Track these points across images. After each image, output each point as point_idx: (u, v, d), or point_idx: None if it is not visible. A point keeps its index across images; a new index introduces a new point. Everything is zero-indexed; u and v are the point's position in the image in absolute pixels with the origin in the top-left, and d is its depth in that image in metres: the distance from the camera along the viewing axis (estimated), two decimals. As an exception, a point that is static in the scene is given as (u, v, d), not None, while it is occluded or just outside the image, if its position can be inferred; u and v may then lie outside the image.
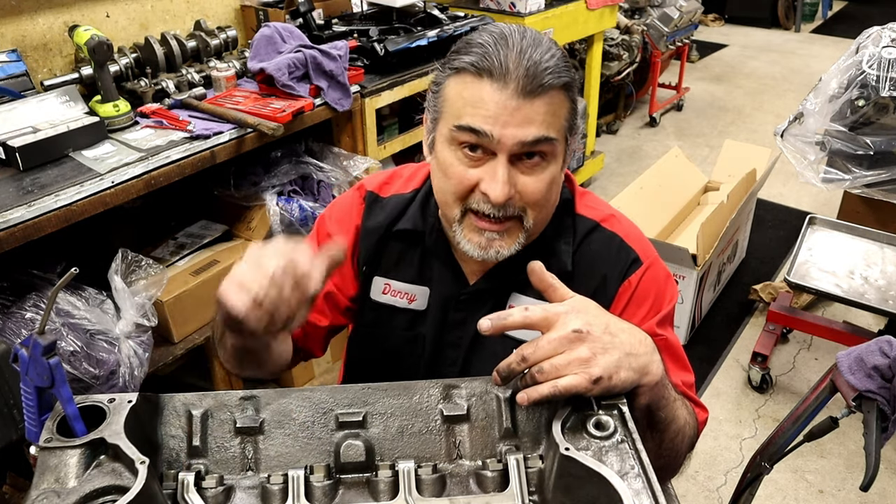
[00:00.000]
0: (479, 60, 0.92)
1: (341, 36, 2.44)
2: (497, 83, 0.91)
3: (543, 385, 0.78)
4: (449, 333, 1.14)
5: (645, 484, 0.72)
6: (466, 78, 0.94)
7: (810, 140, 2.58)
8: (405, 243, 1.16)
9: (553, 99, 0.93)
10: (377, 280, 1.18)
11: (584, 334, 0.79)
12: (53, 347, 0.76)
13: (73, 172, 1.67)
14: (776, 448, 1.39)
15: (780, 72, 6.28)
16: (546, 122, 0.93)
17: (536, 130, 0.93)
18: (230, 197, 2.21)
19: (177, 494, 0.77)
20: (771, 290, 3.12)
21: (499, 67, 0.91)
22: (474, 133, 0.93)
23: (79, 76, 2.00)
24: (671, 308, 1.11)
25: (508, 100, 0.91)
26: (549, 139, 0.94)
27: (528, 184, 0.97)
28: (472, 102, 0.93)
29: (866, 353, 1.16)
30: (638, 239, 1.13)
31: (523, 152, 0.95)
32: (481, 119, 0.92)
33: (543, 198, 0.99)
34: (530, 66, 0.90)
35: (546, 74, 0.91)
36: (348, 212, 1.21)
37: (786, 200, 4.13)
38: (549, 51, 0.93)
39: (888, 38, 2.47)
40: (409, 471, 0.79)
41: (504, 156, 0.94)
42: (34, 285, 1.73)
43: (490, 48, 0.92)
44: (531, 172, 0.97)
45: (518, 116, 0.91)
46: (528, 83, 0.90)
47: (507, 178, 0.94)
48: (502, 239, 1.00)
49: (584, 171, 4.14)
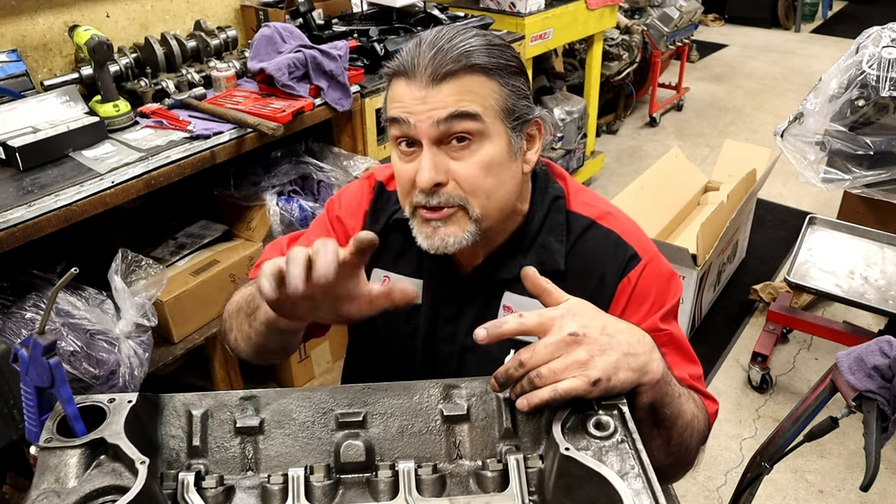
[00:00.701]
0: (396, 64, 0.99)
1: (341, 36, 2.44)
2: (409, 78, 0.97)
3: (543, 390, 0.78)
4: (442, 329, 1.15)
5: (645, 484, 0.72)
6: (391, 82, 1.00)
7: (810, 140, 2.58)
8: (404, 234, 1.17)
9: (464, 80, 0.95)
10: (377, 272, 1.19)
11: (580, 337, 0.79)
12: (53, 347, 0.76)
13: (73, 172, 1.67)
14: (776, 448, 1.39)
15: (780, 72, 6.29)
16: (461, 100, 0.95)
17: (451, 109, 0.95)
18: (230, 197, 2.21)
19: (177, 494, 0.77)
20: (771, 290, 3.12)
21: (410, 65, 0.97)
22: (398, 123, 0.98)
23: (79, 76, 2.00)
24: (675, 303, 1.10)
25: (419, 90, 0.96)
26: (467, 114, 0.95)
27: (458, 168, 0.98)
28: (393, 99, 0.99)
29: (866, 353, 1.16)
30: (636, 235, 1.12)
31: (446, 134, 0.97)
32: (399, 111, 0.97)
33: (480, 181, 0.99)
34: (437, 56, 0.95)
35: (450, 61, 0.95)
36: (358, 198, 1.22)
37: (786, 200, 4.13)
38: (465, 40, 0.97)
39: (888, 38, 2.47)
40: (409, 471, 0.79)
41: (427, 141, 0.97)
42: (34, 285, 1.73)
43: (406, 52, 0.99)
44: (461, 156, 0.98)
45: (430, 102, 0.95)
46: (433, 71, 0.95)
47: (431, 163, 0.96)
48: (446, 226, 1.01)
49: (584, 171, 4.14)
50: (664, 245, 2.74)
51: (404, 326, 1.18)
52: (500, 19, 3.11)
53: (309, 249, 0.77)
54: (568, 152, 3.91)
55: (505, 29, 3.06)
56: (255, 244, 2.18)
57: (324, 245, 0.76)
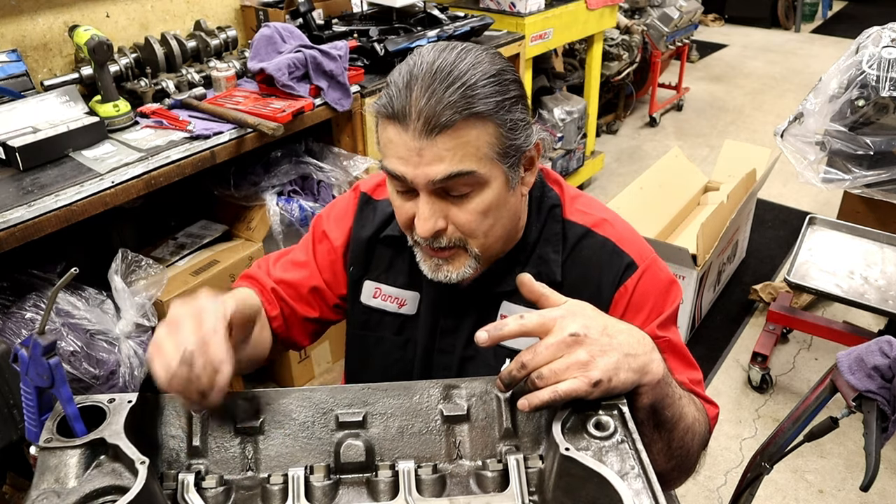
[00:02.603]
0: (387, 104, 0.92)
1: (341, 36, 2.44)
2: (401, 126, 0.91)
3: (544, 391, 0.78)
4: (441, 340, 1.14)
5: (645, 484, 0.72)
6: (383, 120, 0.94)
7: (810, 140, 2.58)
8: (394, 249, 1.17)
9: (460, 132, 0.89)
10: (368, 284, 1.19)
11: (581, 337, 0.79)
12: (53, 347, 0.76)
13: (73, 172, 1.67)
14: (776, 448, 1.39)
15: (780, 72, 6.28)
16: (456, 157, 0.90)
17: (446, 168, 0.90)
18: (230, 197, 2.21)
19: (177, 494, 0.77)
20: (771, 290, 3.12)
21: (401, 111, 0.90)
22: (394, 177, 0.95)
23: (79, 76, 2.00)
24: (674, 309, 1.10)
25: (411, 141, 0.90)
26: (462, 174, 0.91)
27: (458, 215, 0.96)
28: (387, 144, 0.94)
29: (866, 353, 1.16)
30: (632, 242, 1.10)
31: (442, 188, 0.94)
32: (395, 161, 0.93)
33: (477, 227, 0.97)
34: (428, 105, 0.88)
35: (445, 111, 0.88)
36: (344, 212, 1.22)
37: (786, 200, 4.13)
38: (463, 76, 0.89)
39: (888, 38, 2.47)
40: (409, 471, 0.79)
41: (424, 193, 0.94)
42: (34, 285, 1.73)
43: (395, 91, 0.91)
44: (460, 203, 0.96)
45: (426, 156, 0.90)
46: (426, 124, 0.88)
47: (429, 213, 0.94)
48: (449, 264, 1.01)
49: (584, 171, 4.14)
50: (664, 245, 2.74)
51: (397, 337, 1.18)
52: (500, 19, 3.11)
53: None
54: (568, 152, 3.91)
55: (505, 29, 3.06)
56: (255, 244, 2.18)
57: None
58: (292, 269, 1.21)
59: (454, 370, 1.14)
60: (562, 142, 3.85)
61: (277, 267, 1.23)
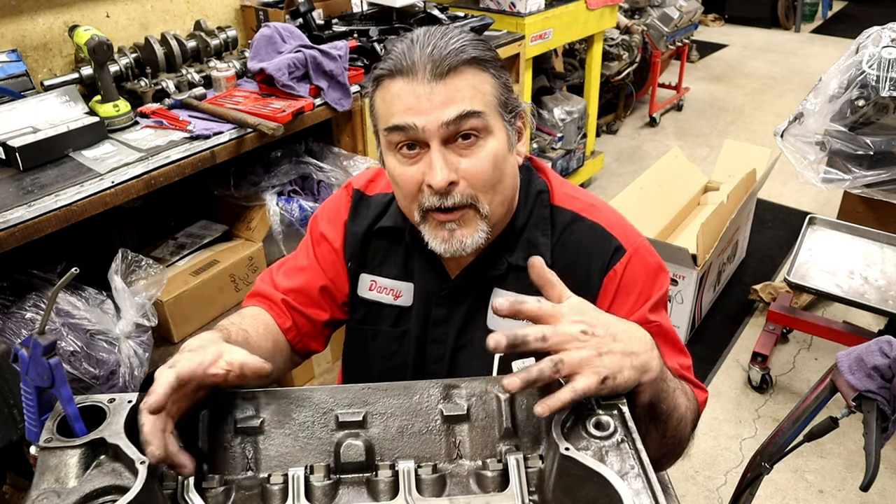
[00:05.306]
0: (391, 65, 0.97)
1: (341, 36, 2.44)
2: (408, 77, 0.95)
3: (563, 391, 0.77)
4: (433, 330, 1.15)
5: (645, 484, 0.72)
6: (385, 84, 0.99)
7: (810, 140, 2.58)
8: (388, 240, 1.18)
9: (466, 75, 0.95)
10: (364, 277, 1.20)
11: (588, 336, 0.80)
12: (53, 347, 0.76)
13: (73, 172, 1.67)
14: (776, 448, 1.39)
15: (780, 72, 6.28)
16: (466, 97, 0.95)
17: (458, 107, 0.95)
18: (230, 197, 2.21)
19: (177, 494, 0.77)
20: (771, 290, 3.12)
21: (407, 64, 0.95)
22: (402, 130, 0.97)
23: (79, 76, 2.00)
24: (663, 293, 1.11)
25: (420, 87, 0.94)
26: (474, 112, 0.95)
27: (469, 165, 0.98)
28: (392, 102, 0.97)
29: (866, 353, 1.16)
30: (620, 227, 1.12)
31: (453, 134, 0.96)
32: (404, 114, 0.96)
33: (489, 177, 0.99)
34: (434, 52, 0.95)
35: (449, 56, 0.95)
36: (337, 210, 1.23)
37: (786, 200, 4.13)
38: (456, 37, 0.97)
39: (888, 38, 2.47)
40: (409, 471, 0.79)
41: (435, 142, 0.96)
42: (34, 285, 1.73)
43: (398, 52, 0.97)
44: (469, 153, 0.98)
45: (435, 99, 0.94)
46: (435, 67, 0.94)
47: (443, 162, 0.96)
48: (462, 228, 1.01)
49: (584, 171, 4.14)
50: (664, 245, 2.74)
51: (394, 329, 1.19)
52: (500, 19, 3.11)
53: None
54: (568, 152, 3.91)
55: (505, 29, 3.06)
56: (255, 244, 2.18)
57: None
58: (297, 275, 1.22)
59: (447, 361, 1.15)
60: (562, 142, 3.85)
61: (281, 277, 1.23)
